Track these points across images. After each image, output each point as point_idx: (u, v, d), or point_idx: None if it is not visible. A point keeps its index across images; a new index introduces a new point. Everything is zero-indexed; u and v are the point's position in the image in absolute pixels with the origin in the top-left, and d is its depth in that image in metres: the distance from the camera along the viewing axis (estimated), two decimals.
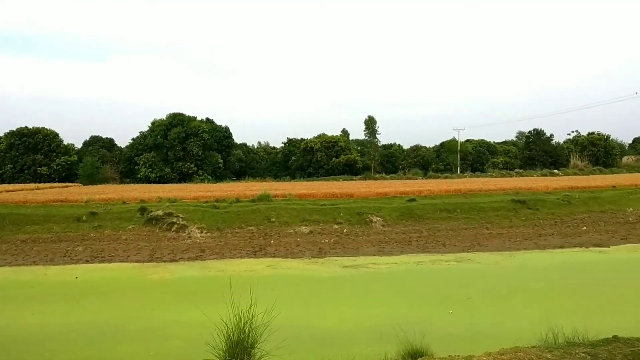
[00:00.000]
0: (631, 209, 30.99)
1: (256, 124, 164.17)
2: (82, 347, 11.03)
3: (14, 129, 71.72)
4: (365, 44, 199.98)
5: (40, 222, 26.58)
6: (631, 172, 66.97)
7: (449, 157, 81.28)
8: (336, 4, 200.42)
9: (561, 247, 24.82)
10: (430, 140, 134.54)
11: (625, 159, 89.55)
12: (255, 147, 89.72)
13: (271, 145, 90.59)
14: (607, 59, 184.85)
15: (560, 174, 66.24)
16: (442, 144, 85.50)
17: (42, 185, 54.30)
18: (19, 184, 55.89)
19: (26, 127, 72.29)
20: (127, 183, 66.32)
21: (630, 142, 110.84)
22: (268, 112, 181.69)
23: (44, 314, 14.00)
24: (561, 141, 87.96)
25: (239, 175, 75.86)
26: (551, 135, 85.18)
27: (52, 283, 18.68)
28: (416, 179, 63.20)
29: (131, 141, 76.54)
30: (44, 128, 72.78)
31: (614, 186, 36.83)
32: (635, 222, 29.32)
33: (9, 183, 61.67)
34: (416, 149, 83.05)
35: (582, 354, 4.78)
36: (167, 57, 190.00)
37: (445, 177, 64.03)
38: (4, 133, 72.48)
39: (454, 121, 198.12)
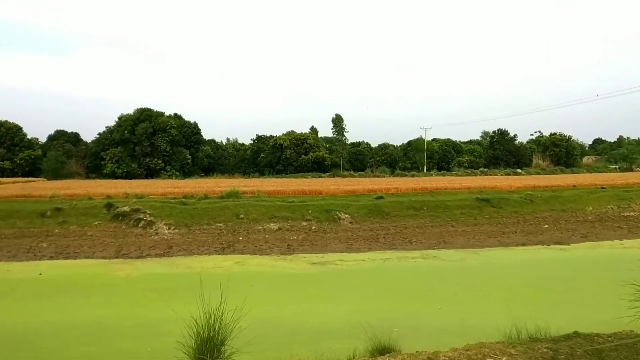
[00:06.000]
0: (591, 208, 31.93)
1: (225, 120, 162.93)
2: (48, 344, 10.86)
3: None
4: (333, 42, 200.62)
5: (2, 217, 25.90)
6: (591, 172, 68.96)
7: (416, 156, 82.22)
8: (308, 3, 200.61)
9: (524, 244, 25.46)
10: (398, 138, 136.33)
11: (585, 159, 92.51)
12: (224, 143, 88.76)
13: (240, 141, 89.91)
14: (565, 61, 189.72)
15: (523, 173, 67.75)
16: (409, 142, 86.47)
17: (4, 179, 52.91)
18: None
19: None
20: (93, 178, 65.10)
21: (591, 142, 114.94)
22: (236, 108, 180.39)
23: (6, 312, 13.72)
24: (524, 141, 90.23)
25: (208, 171, 74.95)
26: (515, 136, 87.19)
27: (15, 280, 18.28)
28: (384, 177, 63.73)
29: (97, 136, 74.64)
30: (6, 121, 70.76)
31: (574, 186, 37.93)
32: (595, 220, 30.23)
33: None
34: (384, 147, 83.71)
35: (545, 349, 4.96)
36: (128, 52, 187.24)
37: (412, 176, 64.70)
38: None
39: (421, 120, 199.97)
